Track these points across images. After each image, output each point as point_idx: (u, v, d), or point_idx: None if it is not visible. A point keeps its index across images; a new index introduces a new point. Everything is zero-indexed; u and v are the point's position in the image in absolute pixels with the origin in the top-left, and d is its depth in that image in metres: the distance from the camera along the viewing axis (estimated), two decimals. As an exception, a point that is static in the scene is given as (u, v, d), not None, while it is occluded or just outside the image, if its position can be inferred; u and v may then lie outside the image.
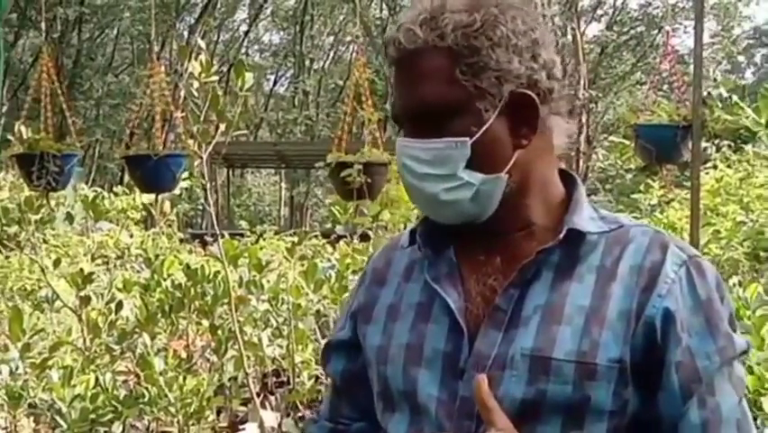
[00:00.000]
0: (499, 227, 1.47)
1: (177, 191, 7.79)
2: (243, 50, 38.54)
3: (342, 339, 1.65)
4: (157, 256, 5.73)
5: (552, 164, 1.50)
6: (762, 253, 7.10)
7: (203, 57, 4.43)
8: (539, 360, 1.38)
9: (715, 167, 10.16)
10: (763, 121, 16.51)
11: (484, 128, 1.41)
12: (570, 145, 1.53)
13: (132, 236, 8.55)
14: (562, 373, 1.37)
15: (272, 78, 41.10)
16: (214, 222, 4.74)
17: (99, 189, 12.07)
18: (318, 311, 5.45)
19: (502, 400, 1.37)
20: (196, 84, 4.43)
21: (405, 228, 7.04)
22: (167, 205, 8.26)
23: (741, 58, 37.36)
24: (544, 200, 1.48)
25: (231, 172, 30.71)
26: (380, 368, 1.52)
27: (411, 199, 1.51)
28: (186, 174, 7.13)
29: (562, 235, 1.42)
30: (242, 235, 9.55)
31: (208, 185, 5.02)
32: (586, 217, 1.46)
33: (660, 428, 1.42)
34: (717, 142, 15.11)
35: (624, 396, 1.39)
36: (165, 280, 5.17)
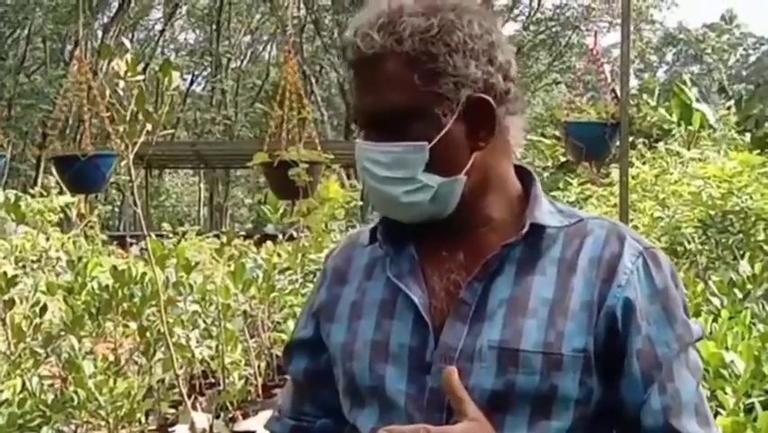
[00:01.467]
0: (460, 225, 1.49)
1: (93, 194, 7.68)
2: (159, 50, 38.07)
3: (304, 338, 1.65)
4: (80, 258, 5.65)
5: (509, 162, 1.53)
6: (678, 248, 7.27)
7: (129, 56, 4.38)
8: (507, 352, 1.41)
9: (631, 164, 10.35)
10: (675, 119, 16.92)
11: (442, 133, 1.43)
12: (521, 143, 1.57)
13: (48, 239, 8.38)
14: (530, 364, 1.40)
15: (189, 77, 40.65)
16: (143, 223, 4.70)
17: (14, 191, 11.78)
18: (245, 312, 5.44)
19: (472, 392, 1.40)
20: (121, 83, 4.38)
21: (326, 227, 7.06)
22: (86, 206, 8.13)
23: (654, 57, 38.22)
24: (502, 197, 1.51)
25: (149, 173, 30.28)
26: (346, 365, 1.53)
27: (372, 202, 1.53)
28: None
29: (525, 230, 1.45)
30: (163, 237, 9.44)
31: (134, 186, 4.98)
32: (545, 212, 1.49)
33: (622, 414, 1.46)
34: (631, 139, 15.43)
35: (589, 385, 1.43)
36: (90, 282, 5.10)
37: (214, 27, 37.53)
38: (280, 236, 6.95)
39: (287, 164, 6.92)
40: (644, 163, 10.52)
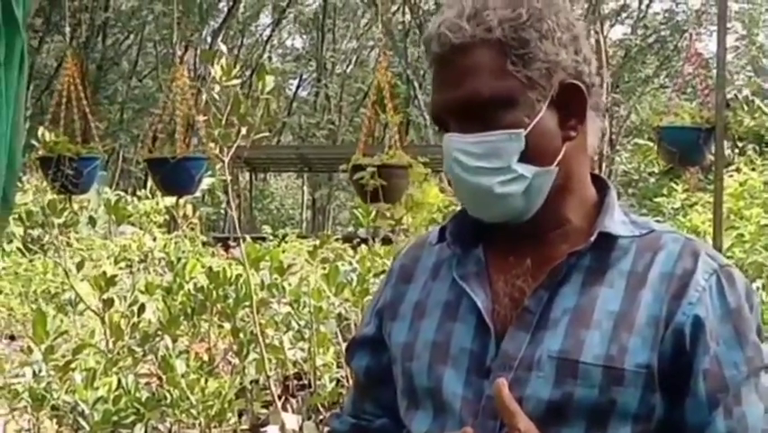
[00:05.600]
0: (536, 225, 1.47)
1: (198, 194, 7.83)
2: (266, 55, 38.65)
3: (367, 335, 1.64)
4: (179, 259, 5.75)
5: (587, 163, 1.51)
6: (786, 257, 7.05)
7: (224, 60, 4.44)
8: (567, 363, 1.38)
9: (738, 170, 10.09)
10: (787, 124, 16.36)
11: (537, 119, 1.41)
12: (596, 147, 1.54)
13: (154, 240, 8.58)
14: (590, 377, 1.37)
15: (295, 82, 41.20)
16: (236, 225, 4.76)
17: (122, 193, 12.13)
18: (340, 314, 5.44)
19: (528, 401, 1.38)
20: (217, 88, 4.44)
21: (427, 231, 7.06)
22: (189, 208, 8.30)
23: (766, 61, 37.16)
24: (580, 200, 1.49)
25: (254, 176, 30.80)
26: (405, 365, 1.52)
27: (459, 196, 1.50)
28: (210, 178, 7.17)
29: (593, 239, 1.42)
30: (264, 239, 9.58)
31: (230, 188, 5.04)
32: (617, 221, 1.46)
33: None
34: (742, 145, 15.04)
35: (651, 402, 1.39)
36: (187, 283, 5.19)
37: (320, 32, 37.92)
38: (370, 240, 6.97)
39: (364, 168, 6.97)
40: (752, 170, 10.24)
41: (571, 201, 1.47)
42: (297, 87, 41.21)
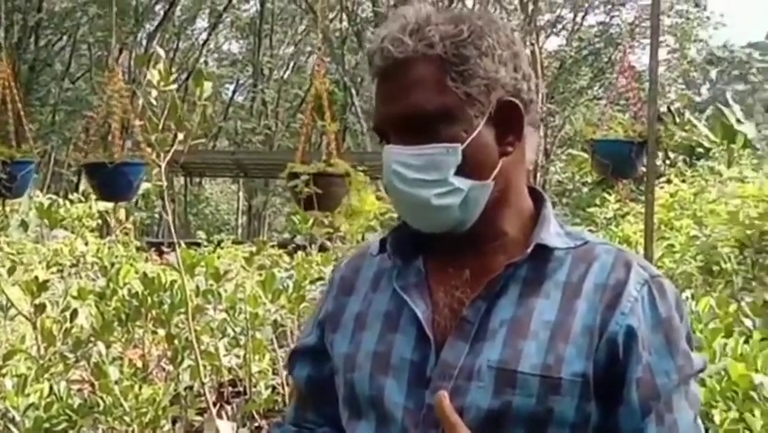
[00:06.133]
0: (474, 237, 1.49)
1: (133, 199, 7.75)
2: (203, 59, 38.34)
3: (308, 345, 1.66)
4: (113, 264, 5.69)
5: (524, 176, 1.54)
6: (714, 267, 7.19)
7: (161, 65, 4.41)
8: (505, 372, 1.41)
9: (669, 181, 10.29)
10: (717, 138, 16.74)
11: (474, 134, 1.44)
12: (533, 160, 1.57)
13: (87, 244, 8.47)
14: (527, 386, 1.40)
15: (231, 87, 40.91)
16: (172, 231, 4.72)
17: (54, 196, 11.94)
18: (276, 321, 5.44)
19: (468, 411, 1.40)
20: (154, 92, 4.40)
21: (363, 239, 7.07)
22: (122, 213, 8.21)
23: (696, 74, 37.89)
24: (517, 212, 1.52)
25: (188, 181, 30.53)
26: (347, 375, 1.53)
27: (397, 207, 1.52)
28: (146, 183, 7.11)
29: (529, 250, 1.45)
30: (199, 245, 9.50)
31: (165, 194, 5.00)
32: (553, 233, 1.49)
33: None
34: (672, 157, 15.32)
35: (587, 410, 1.42)
36: (121, 288, 5.13)
37: (256, 38, 37.73)
38: (309, 247, 6.96)
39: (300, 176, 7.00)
40: (683, 181, 10.44)
41: (508, 214, 1.51)
42: (234, 91, 40.94)
